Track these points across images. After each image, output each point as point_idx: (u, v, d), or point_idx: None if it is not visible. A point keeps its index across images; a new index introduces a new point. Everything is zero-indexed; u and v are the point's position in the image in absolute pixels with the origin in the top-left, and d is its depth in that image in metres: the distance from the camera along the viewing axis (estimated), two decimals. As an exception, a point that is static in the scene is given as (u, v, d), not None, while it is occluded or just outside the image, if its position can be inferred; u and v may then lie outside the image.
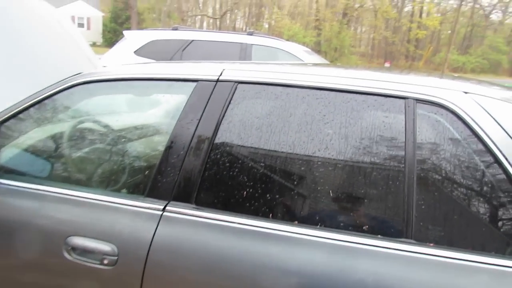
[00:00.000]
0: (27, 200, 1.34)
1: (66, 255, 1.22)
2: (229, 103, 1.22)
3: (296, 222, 1.08)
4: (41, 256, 1.28)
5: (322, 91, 1.15)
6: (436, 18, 28.90)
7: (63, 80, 1.47)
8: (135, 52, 4.81)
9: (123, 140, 1.49)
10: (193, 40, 4.67)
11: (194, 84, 1.28)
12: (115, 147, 1.47)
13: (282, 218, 1.10)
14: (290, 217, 1.10)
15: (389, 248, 0.99)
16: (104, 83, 1.41)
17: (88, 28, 25.54)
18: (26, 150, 1.49)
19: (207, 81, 1.27)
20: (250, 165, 1.16)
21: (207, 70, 1.32)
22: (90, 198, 1.27)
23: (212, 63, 1.38)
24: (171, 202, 1.19)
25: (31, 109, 1.46)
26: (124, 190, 1.31)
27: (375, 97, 1.11)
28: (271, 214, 1.11)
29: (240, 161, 1.17)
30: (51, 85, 1.47)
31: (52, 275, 1.28)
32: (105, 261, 1.18)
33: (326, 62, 5.79)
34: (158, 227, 1.16)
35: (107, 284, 1.19)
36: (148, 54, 4.79)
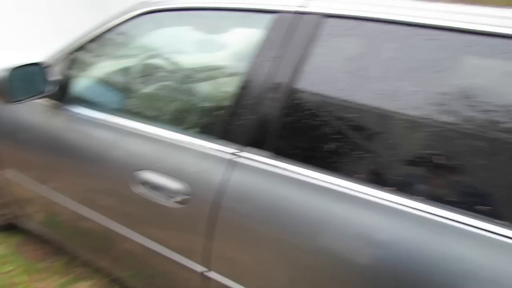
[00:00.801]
0: (98, 129, 1.34)
1: (135, 188, 1.22)
2: (315, 39, 1.04)
3: (394, 188, 0.92)
4: (112, 186, 1.30)
5: (437, 31, 0.91)
6: None
7: (127, 8, 1.37)
8: None
9: (194, 77, 1.40)
10: None
11: (274, 16, 1.11)
12: (185, 85, 1.38)
13: (373, 182, 0.94)
14: (381, 181, 0.93)
15: (496, 234, 0.79)
16: (171, 12, 1.29)
17: None
18: (96, 82, 1.47)
19: (289, 12, 1.09)
20: (337, 114, 1.00)
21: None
22: (160, 135, 1.23)
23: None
24: (244, 147, 1.10)
25: (98, 39, 1.41)
26: (195, 130, 1.24)
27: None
28: (363, 175, 0.96)
29: (326, 108, 1.02)
30: (116, 14, 1.38)
31: (123, 205, 1.31)
32: (176, 199, 1.16)
33: None
34: (229, 171, 1.09)
35: (177, 221, 1.18)
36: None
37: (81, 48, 1.42)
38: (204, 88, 1.35)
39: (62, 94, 1.46)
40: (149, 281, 1.44)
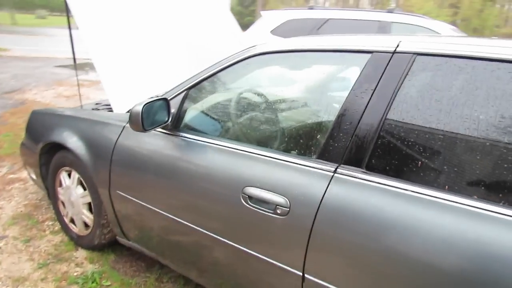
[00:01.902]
0: (208, 152, 1.58)
1: (243, 202, 1.42)
2: (406, 75, 1.23)
3: (475, 196, 1.06)
4: (222, 200, 1.50)
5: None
6: None
7: (240, 51, 1.66)
8: (271, 31, 5.03)
9: (295, 106, 1.62)
10: (329, 19, 4.67)
11: (369, 55, 1.33)
12: (285, 112, 1.61)
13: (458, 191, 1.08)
14: (468, 190, 1.07)
15: None
16: (278, 54, 1.54)
17: (217, 11, 27.29)
18: (208, 111, 1.74)
19: (383, 52, 1.30)
20: (426, 136, 1.16)
21: (382, 41, 1.34)
22: (266, 156, 1.43)
23: (386, 35, 1.40)
24: (342, 165, 1.27)
25: (212, 77, 1.69)
26: (294, 152, 1.44)
27: None
28: (446, 186, 1.10)
29: (415, 132, 1.18)
30: (229, 56, 1.67)
31: (229, 216, 1.49)
32: (278, 211, 1.33)
33: None
34: (329, 186, 1.26)
35: (278, 230, 1.34)
36: (283, 33, 4.96)
37: (196, 84, 1.71)
38: (304, 115, 1.56)
39: (176, 124, 1.73)
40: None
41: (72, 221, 2.43)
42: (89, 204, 2.25)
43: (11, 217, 2.69)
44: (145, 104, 1.58)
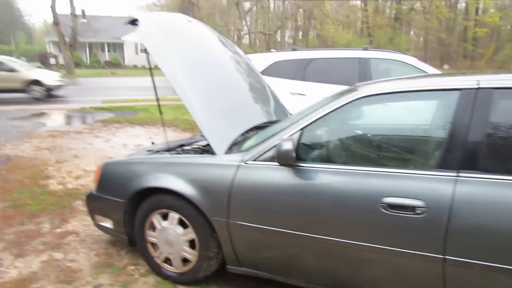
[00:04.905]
0: (336, 176, 2.01)
1: (382, 210, 1.85)
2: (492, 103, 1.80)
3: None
4: (358, 213, 1.92)
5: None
6: (495, 14, 28.01)
7: (343, 93, 2.14)
8: (261, 72, 5.56)
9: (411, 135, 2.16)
10: (314, 59, 5.34)
11: (458, 92, 1.88)
12: (398, 143, 2.12)
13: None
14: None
15: None
16: (383, 95, 2.05)
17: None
18: (326, 145, 2.19)
19: (469, 89, 1.86)
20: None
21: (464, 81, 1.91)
22: (395, 172, 1.89)
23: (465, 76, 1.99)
24: (461, 171, 1.78)
25: (325, 117, 2.14)
26: (412, 166, 1.93)
27: None
28: None
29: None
30: (331, 99, 2.15)
31: (370, 226, 1.90)
32: (418, 211, 1.78)
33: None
34: (457, 188, 1.75)
35: (419, 227, 1.79)
36: (273, 73, 5.51)
37: (309, 124, 2.14)
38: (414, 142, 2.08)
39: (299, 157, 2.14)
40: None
41: (165, 261, 2.63)
42: (191, 241, 2.49)
43: (91, 267, 2.78)
44: (292, 142, 1.98)
